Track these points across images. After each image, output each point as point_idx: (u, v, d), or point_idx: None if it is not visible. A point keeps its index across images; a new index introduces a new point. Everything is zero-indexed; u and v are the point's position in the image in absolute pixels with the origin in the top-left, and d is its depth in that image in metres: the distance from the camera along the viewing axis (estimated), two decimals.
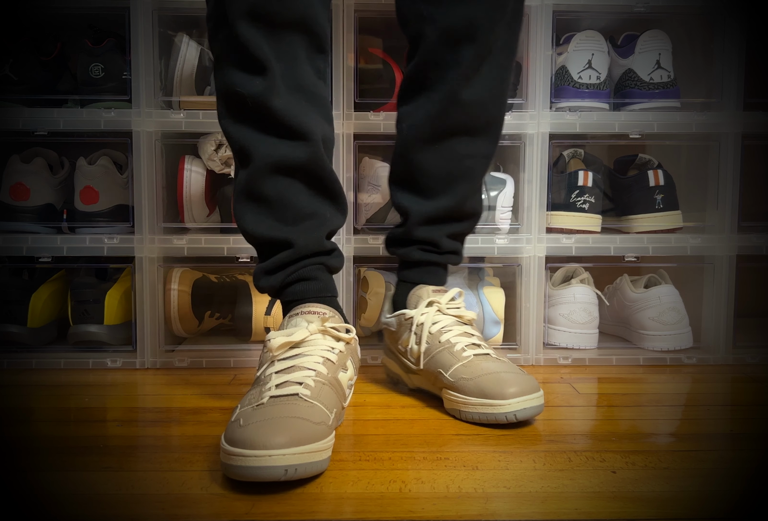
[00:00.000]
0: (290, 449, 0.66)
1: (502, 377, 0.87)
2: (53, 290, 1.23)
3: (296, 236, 0.89)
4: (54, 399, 1.01)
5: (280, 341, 0.80)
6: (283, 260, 0.89)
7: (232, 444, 0.68)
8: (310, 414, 0.71)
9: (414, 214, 0.99)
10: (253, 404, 0.74)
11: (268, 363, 0.80)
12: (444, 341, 0.94)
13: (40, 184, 1.21)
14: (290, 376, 0.77)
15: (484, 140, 0.98)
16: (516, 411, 0.85)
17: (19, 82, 1.19)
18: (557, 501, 0.67)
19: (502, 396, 0.85)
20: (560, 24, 1.19)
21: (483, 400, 0.86)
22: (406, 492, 0.69)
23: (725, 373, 1.16)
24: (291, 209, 0.88)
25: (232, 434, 0.69)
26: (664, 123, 1.19)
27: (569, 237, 1.20)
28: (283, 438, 0.66)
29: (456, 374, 0.90)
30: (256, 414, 0.71)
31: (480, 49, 0.91)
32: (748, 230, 1.21)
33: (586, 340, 1.22)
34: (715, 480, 0.72)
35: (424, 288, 0.99)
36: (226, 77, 0.85)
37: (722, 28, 1.19)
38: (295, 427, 0.68)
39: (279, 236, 0.88)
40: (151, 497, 0.68)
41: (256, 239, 0.90)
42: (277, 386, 0.76)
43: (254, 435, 0.67)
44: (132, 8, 1.14)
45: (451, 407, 0.91)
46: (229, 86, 0.85)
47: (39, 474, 0.73)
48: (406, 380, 1.02)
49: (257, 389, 0.77)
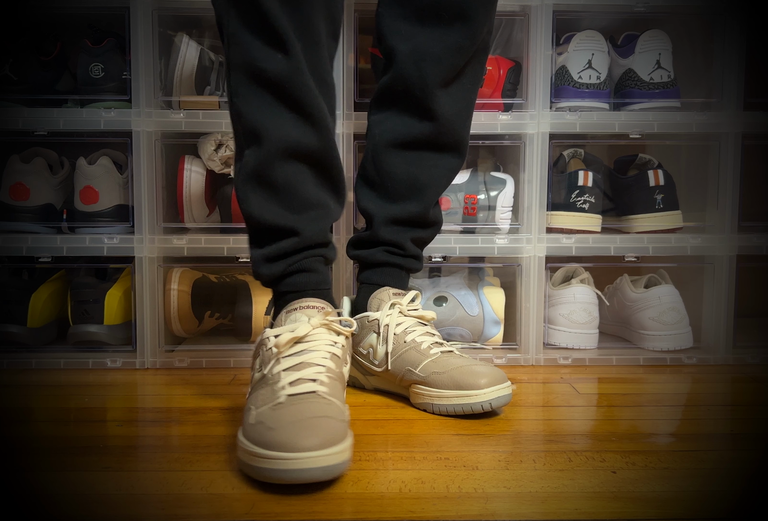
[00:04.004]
0: (327, 450, 0.66)
1: (474, 369, 0.90)
2: (53, 290, 1.23)
3: (303, 225, 0.87)
4: (54, 399, 1.01)
5: (288, 336, 0.79)
6: (286, 248, 0.88)
7: (266, 446, 0.67)
8: (334, 412, 0.72)
9: (380, 216, 1.00)
10: (268, 404, 0.73)
11: (274, 361, 0.79)
12: (410, 341, 0.96)
13: (39, 184, 1.21)
14: (301, 373, 0.76)
15: (450, 155, 1.01)
16: (491, 399, 0.88)
17: (19, 82, 1.19)
18: (557, 501, 0.67)
19: (477, 386, 0.88)
20: (560, 24, 1.19)
21: (458, 391, 0.89)
22: (406, 492, 0.69)
23: (725, 373, 1.16)
24: (298, 196, 0.87)
25: (261, 436, 0.68)
26: (664, 123, 1.19)
27: (569, 237, 1.20)
28: (317, 439, 0.66)
29: (427, 370, 0.93)
30: (281, 414, 0.70)
31: (449, 73, 0.95)
32: (748, 230, 1.21)
33: (586, 340, 1.22)
34: (715, 480, 0.72)
35: (386, 291, 1.00)
36: (246, 53, 0.81)
37: (722, 28, 1.19)
38: (326, 427, 0.68)
39: (285, 223, 0.87)
40: (151, 497, 0.68)
41: (261, 224, 0.87)
42: (290, 384, 0.75)
43: (290, 438, 0.66)
44: (132, 8, 1.14)
45: (422, 401, 0.93)
46: (248, 61, 0.81)
47: (39, 474, 0.73)
48: (363, 382, 1.03)
49: (267, 388, 0.76)
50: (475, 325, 1.22)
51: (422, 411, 0.93)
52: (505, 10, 1.20)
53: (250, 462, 0.69)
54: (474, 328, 1.22)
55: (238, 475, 0.73)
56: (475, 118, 1.17)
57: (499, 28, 1.32)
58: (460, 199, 1.21)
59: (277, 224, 0.86)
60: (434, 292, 1.23)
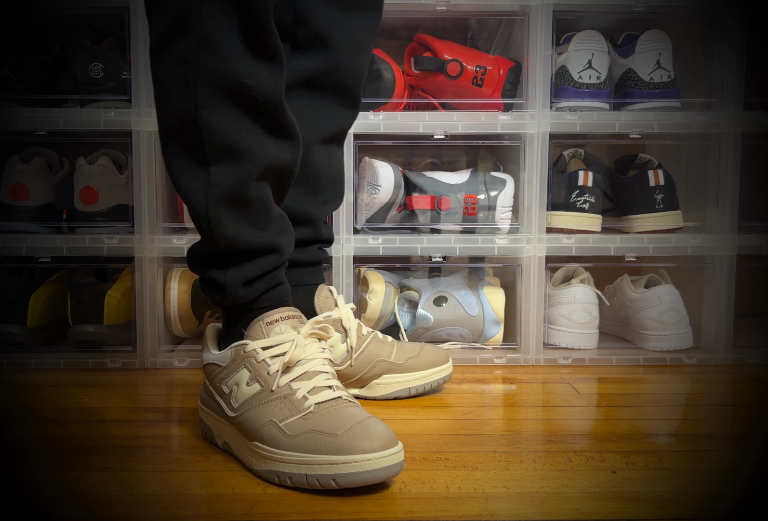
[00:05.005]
0: (389, 450, 0.68)
1: (438, 350, 1.03)
2: (53, 290, 1.23)
3: (278, 240, 0.82)
4: (54, 399, 1.01)
5: (300, 352, 0.77)
6: (267, 267, 0.81)
7: (333, 452, 0.68)
8: (369, 414, 0.73)
9: (320, 214, 0.99)
10: (296, 414, 0.72)
11: (279, 373, 0.76)
12: (366, 334, 1.00)
13: (39, 184, 1.21)
14: (313, 382, 0.75)
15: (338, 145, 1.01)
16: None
17: (19, 82, 1.19)
18: (557, 501, 0.67)
19: (447, 360, 1.03)
20: (560, 24, 1.19)
21: (434, 369, 1.00)
22: (406, 492, 0.69)
23: (725, 373, 1.16)
24: (265, 212, 0.81)
25: (322, 444, 0.69)
26: (664, 123, 1.19)
27: (569, 237, 1.20)
28: (378, 442, 0.68)
29: (401, 356, 0.99)
30: (329, 421, 0.71)
31: (369, 60, 0.98)
32: (748, 230, 1.21)
33: (586, 340, 1.22)
34: (715, 480, 0.72)
35: (325, 288, 1.00)
36: (226, 64, 0.72)
37: (722, 28, 1.19)
38: (379, 429, 0.70)
39: (264, 242, 0.80)
40: (151, 497, 0.68)
41: (238, 246, 0.79)
42: (308, 393, 0.74)
43: (355, 442, 0.68)
44: (132, 8, 1.14)
45: (396, 389, 0.99)
46: (227, 75, 0.72)
47: (39, 475, 0.73)
48: None
49: (281, 400, 0.74)
50: (475, 325, 1.21)
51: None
52: (505, 10, 1.20)
53: (315, 472, 0.68)
54: (474, 328, 1.22)
55: (238, 475, 0.73)
56: (475, 118, 1.18)
57: (499, 28, 1.32)
58: (460, 199, 1.21)
59: (256, 243, 0.80)
60: (434, 292, 1.23)
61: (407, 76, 1.25)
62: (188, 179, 0.76)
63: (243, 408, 0.76)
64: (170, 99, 0.75)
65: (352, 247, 1.18)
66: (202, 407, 0.84)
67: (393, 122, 1.17)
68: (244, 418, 0.76)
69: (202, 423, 0.84)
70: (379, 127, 1.17)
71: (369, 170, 1.21)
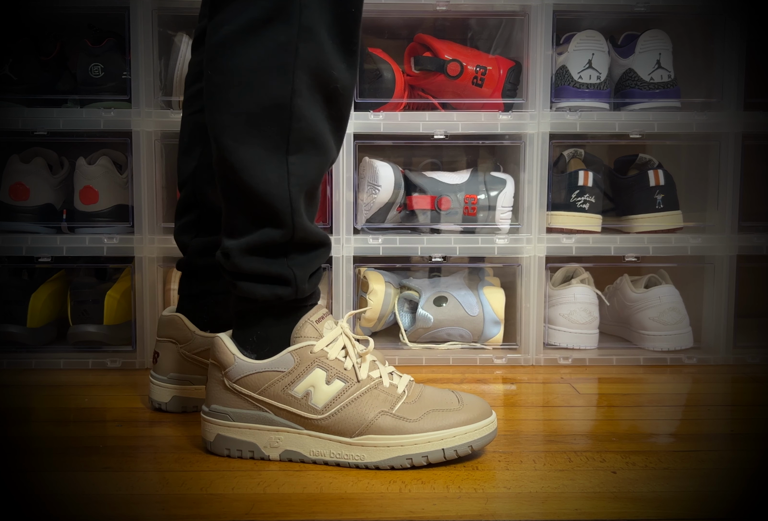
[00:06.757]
0: (491, 417, 0.78)
1: None
2: (53, 290, 1.23)
3: (324, 233, 0.82)
4: (54, 399, 1.01)
5: (370, 346, 0.80)
6: (321, 261, 0.81)
7: (472, 421, 0.76)
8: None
9: None
10: (401, 401, 0.77)
11: (358, 366, 0.78)
12: None
13: (39, 184, 1.21)
14: (380, 369, 0.79)
15: None
16: None
17: (19, 82, 1.19)
18: (557, 501, 0.67)
19: None
20: (560, 24, 1.19)
21: None
22: (406, 492, 0.69)
23: (725, 373, 1.16)
24: (318, 205, 0.82)
25: (452, 419, 0.75)
26: (664, 123, 1.19)
27: (569, 237, 1.20)
28: (486, 406, 0.79)
29: None
30: (437, 402, 0.78)
31: None
32: (748, 230, 1.21)
33: (586, 340, 1.22)
34: (715, 480, 0.72)
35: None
36: (321, 53, 0.72)
37: (722, 28, 1.19)
38: (475, 397, 0.80)
39: (323, 234, 0.80)
40: (151, 497, 0.68)
41: (312, 238, 0.78)
42: (390, 379, 0.79)
43: (477, 413, 0.77)
44: (132, 8, 1.14)
45: None
46: (321, 64, 0.72)
47: (39, 474, 0.73)
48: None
49: (375, 391, 0.77)
50: (475, 325, 1.22)
51: None
52: (505, 10, 1.20)
53: (452, 444, 0.74)
54: (474, 328, 1.22)
55: (238, 475, 0.73)
56: (475, 118, 1.18)
57: (499, 28, 1.32)
58: (460, 199, 1.21)
59: (319, 235, 0.79)
60: (434, 292, 1.23)
61: (407, 76, 1.25)
62: (266, 168, 0.74)
63: (331, 407, 0.75)
64: (262, 86, 0.73)
65: (352, 247, 1.18)
66: (236, 425, 0.77)
67: (393, 122, 1.17)
68: (340, 417, 0.75)
69: (235, 441, 0.77)
70: (379, 128, 1.17)
71: (369, 170, 1.21)
